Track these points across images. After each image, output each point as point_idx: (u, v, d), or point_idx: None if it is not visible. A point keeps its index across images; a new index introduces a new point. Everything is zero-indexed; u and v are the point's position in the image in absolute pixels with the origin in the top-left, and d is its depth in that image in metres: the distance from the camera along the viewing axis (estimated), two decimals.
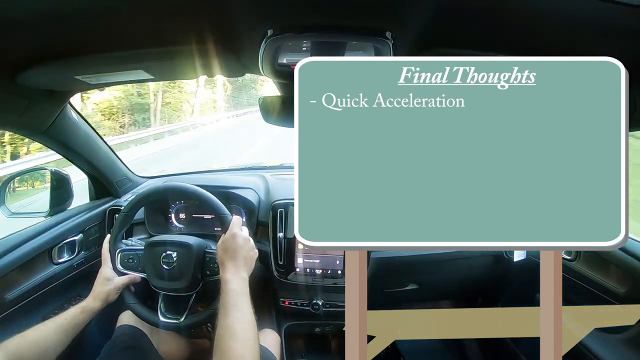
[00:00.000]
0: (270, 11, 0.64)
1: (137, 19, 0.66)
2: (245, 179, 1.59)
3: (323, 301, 1.38)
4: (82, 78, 0.92)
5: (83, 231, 1.39)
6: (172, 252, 1.07)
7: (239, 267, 0.92)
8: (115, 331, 1.15)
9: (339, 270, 1.35)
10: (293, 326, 1.48)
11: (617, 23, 0.59)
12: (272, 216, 1.38)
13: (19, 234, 1.21)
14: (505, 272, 1.51)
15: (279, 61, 0.80)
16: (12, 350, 0.79)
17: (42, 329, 0.87)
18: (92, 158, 1.41)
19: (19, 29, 0.64)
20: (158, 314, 1.08)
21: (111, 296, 1.03)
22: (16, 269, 1.13)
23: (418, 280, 1.55)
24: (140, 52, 0.80)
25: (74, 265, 1.35)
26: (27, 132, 1.16)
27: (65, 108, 1.17)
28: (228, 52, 0.81)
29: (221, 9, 0.63)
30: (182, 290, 1.07)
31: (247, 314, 0.82)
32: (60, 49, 0.76)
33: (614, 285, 1.11)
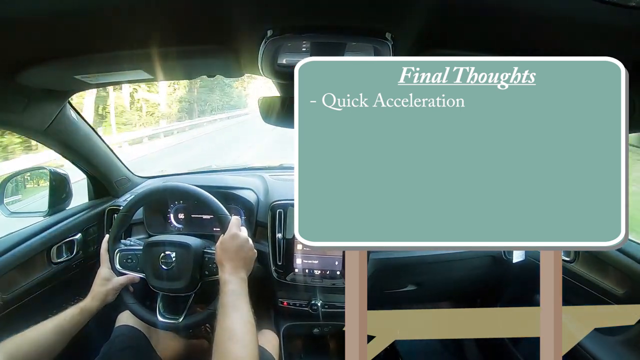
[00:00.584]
0: (270, 11, 0.64)
1: (137, 19, 0.66)
2: (244, 180, 1.59)
3: (322, 302, 1.38)
4: (82, 78, 0.92)
5: (82, 231, 1.39)
6: (171, 252, 1.07)
7: (238, 268, 0.92)
8: (114, 331, 1.15)
9: (337, 271, 1.35)
10: (291, 327, 1.48)
11: (616, 25, 0.59)
12: (271, 217, 1.38)
13: (17, 233, 1.20)
14: (504, 273, 1.51)
15: (278, 61, 0.80)
16: (10, 350, 0.79)
17: (41, 328, 0.87)
18: (92, 158, 1.41)
19: (19, 28, 0.64)
20: (156, 314, 1.08)
21: (110, 296, 1.03)
22: (15, 268, 1.13)
23: (417, 281, 1.55)
24: (140, 52, 0.80)
25: (72, 265, 1.34)
26: (27, 132, 1.16)
27: (65, 108, 1.17)
28: (227, 53, 0.82)
29: (221, 9, 0.63)
30: (180, 291, 1.07)
31: (246, 315, 0.81)
32: (60, 48, 0.76)
33: (612, 286, 1.11)
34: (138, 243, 1.16)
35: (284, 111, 0.98)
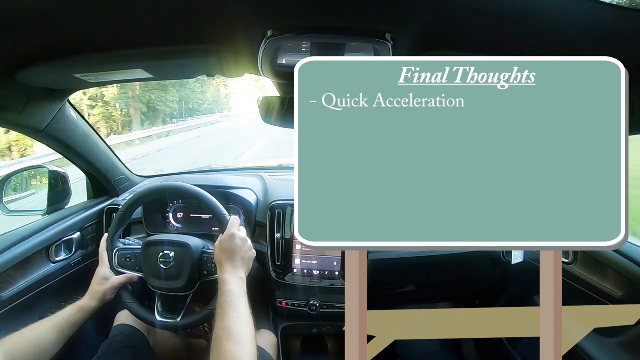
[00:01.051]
0: (270, 12, 0.64)
1: (137, 18, 0.66)
2: (244, 180, 1.58)
3: (320, 302, 1.37)
4: (82, 77, 0.92)
5: (81, 230, 1.39)
6: (170, 252, 1.07)
7: (237, 268, 0.92)
8: (113, 330, 1.15)
9: (336, 271, 1.35)
10: (290, 327, 1.48)
11: (616, 27, 0.59)
12: (270, 217, 1.38)
13: (16, 231, 1.20)
14: (503, 274, 1.51)
15: (278, 62, 0.80)
16: (8, 349, 0.79)
17: (39, 328, 0.87)
18: (91, 157, 1.40)
19: (19, 27, 0.64)
20: (155, 313, 1.08)
21: (108, 295, 1.03)
22: (13, 267, 1.12)
23: (416, 282, 1.55)
24: (140, 51, 0.80)
25: (71, 264, 1.34)
26: (26, 130, 1.16)
27: (64, 106, 1.17)
28: (227, 52, 0.81)
29: (221, 9, 0.63)
30: (179, 290, 1.07)
31: (244, 315, 0.81)
32: (59, 47, 0.76)
33: (611, 288, 1.11)
34: (137, 242, 1.16)
35: (283, 111, 0.98)
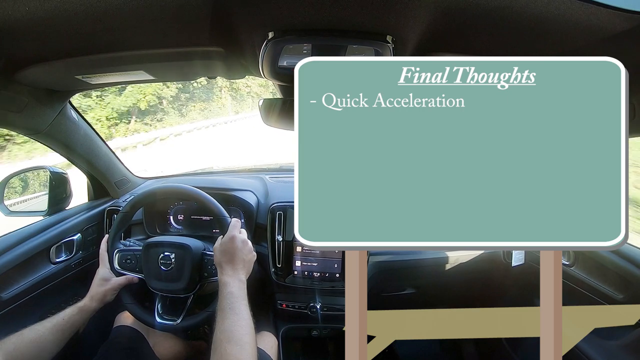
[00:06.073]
0: (271, 14, 0.64)
1: (139, 20, 0.66)
2: (244, 181, 1.59)
3: (320, 304, 1.38)
4: (83, 78, 0.93)
5: (81, 231, 1.39)
6: (170, 254, 1.07)
7: (237, 270, 0.92)
8: (112, 332, 1.15)
9: (337, 273, 1.35)
10: (290, 329, 1.48)
11: (616, 29, 0.59)
12: (271, 219, 1.38)
13: (17, 232, 1.20)
14: (503, 277, 1.51)
15: (279, 63, 0.80)
16: (8, 350, 0.79)
17: (39, 328, 0.87)
18: (92, 158, 1.41)
19: (20, 28, 0.64)
20: (155, 315, 1.08)
21: (108, 296, 1.03)
22: (14, 267, 1.12)
23: (416, 284, 1.54)
24: (142, 53, 0.80)
25: (71, 265, 1.34)
26: (27, 131, 1.16)
27: (65, 108, 1.18)
28: (229, 54, 0.82)
29: (222, 11, 0.63)
30: (179, 292, 1.07)
31: (244, 317, 0.81)
32: (61, 48, 0.76)
33: (611, 290, 1.11)
34: (137, 244, 1.16)
35: (284, 113, 0.98)
